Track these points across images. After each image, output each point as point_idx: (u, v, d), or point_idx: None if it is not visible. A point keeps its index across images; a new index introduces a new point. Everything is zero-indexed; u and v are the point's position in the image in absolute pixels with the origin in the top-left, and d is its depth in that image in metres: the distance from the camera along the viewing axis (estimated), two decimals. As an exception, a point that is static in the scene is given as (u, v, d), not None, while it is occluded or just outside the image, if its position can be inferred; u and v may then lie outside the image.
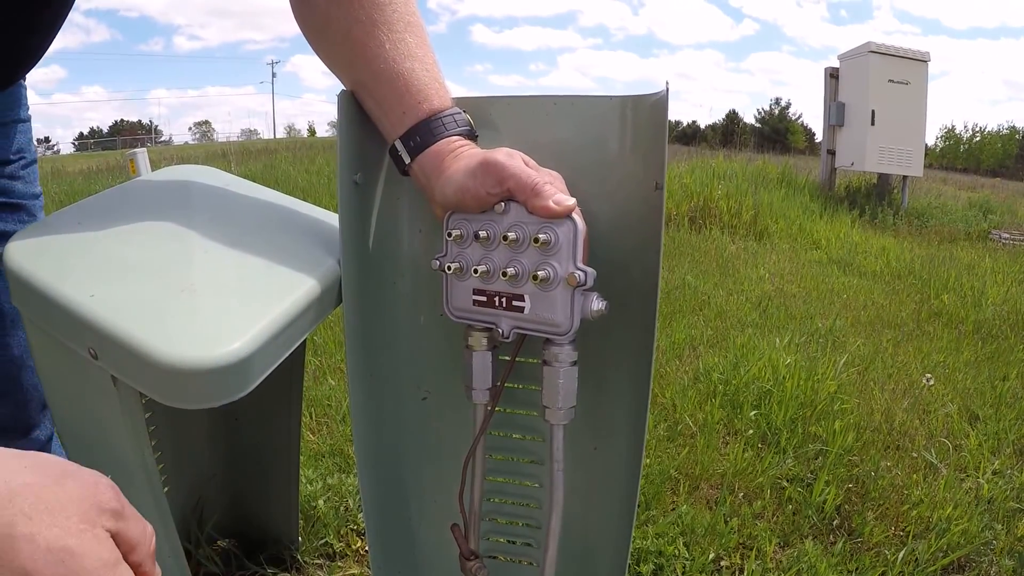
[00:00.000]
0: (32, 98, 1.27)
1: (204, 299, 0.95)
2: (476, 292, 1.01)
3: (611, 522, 1.19)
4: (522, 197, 0.93)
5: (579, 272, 0.92)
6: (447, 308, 1.06)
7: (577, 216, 0.94)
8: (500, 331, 1.00)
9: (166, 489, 1.69)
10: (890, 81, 10.39)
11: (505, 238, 0.95)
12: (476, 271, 0.98)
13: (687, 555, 2.02)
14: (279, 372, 1.75)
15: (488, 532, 1.36)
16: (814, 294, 5.31)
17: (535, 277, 0.93)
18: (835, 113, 11.14)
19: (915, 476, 2.84)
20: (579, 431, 1.12)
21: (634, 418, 1.10)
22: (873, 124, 10.47)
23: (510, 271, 0.95)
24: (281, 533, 2.07)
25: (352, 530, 2.29)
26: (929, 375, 3.60)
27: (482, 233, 0.97)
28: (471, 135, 0.99)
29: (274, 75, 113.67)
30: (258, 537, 2.08)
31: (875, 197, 10.43)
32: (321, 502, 2.29)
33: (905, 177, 10.78)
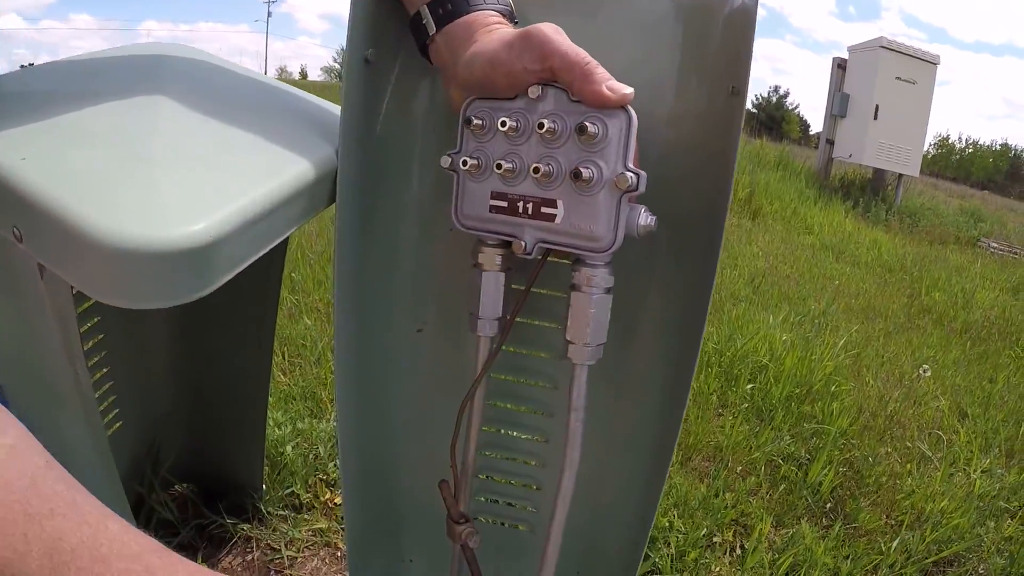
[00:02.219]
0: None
1: (165, 172, 0.75)
2: (495, 196, 0.83)
3: (630, 492, 1.08)
4: (568, 78, 0.75)
5: (630, 174, 0.74)
6: (456, 216, 0.87)
7: (631, 109, 0.76)
8: (522, 244, 0.82)
9: (118, 424, 1.51)
10: (897, 78, 10.25)
11: (540, 126, 0.77)
12: (499, 167, 0.80)
13: (681, 528, 1.89)
14: (251, 296, 1.56)
15: (481, 490, 1.20)
16: (807, 276, 5.21)
17: (576, 175, 0.75)
18: (839, 104, 11.00)
19: (908, 466, 2.76)
20: (596, 380, 0.95)
21: (675, 367, 0.94)
22: (876, 119, 10.35)
23: (543, 168, 0.77)
24: (244, 480, 1.88)
25: (322, 480, 2.13)
26: (926, 366, 3.52)
27: (509, 122, 0.79)
28: (511, 17, 0.84)
29: (269, 14, 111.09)
30: (218, 484, 1.90)
31: (869, 191, 10.36)
32: (289, 448, 2.11)
33: (901, 175, 10.72)
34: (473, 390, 1.00)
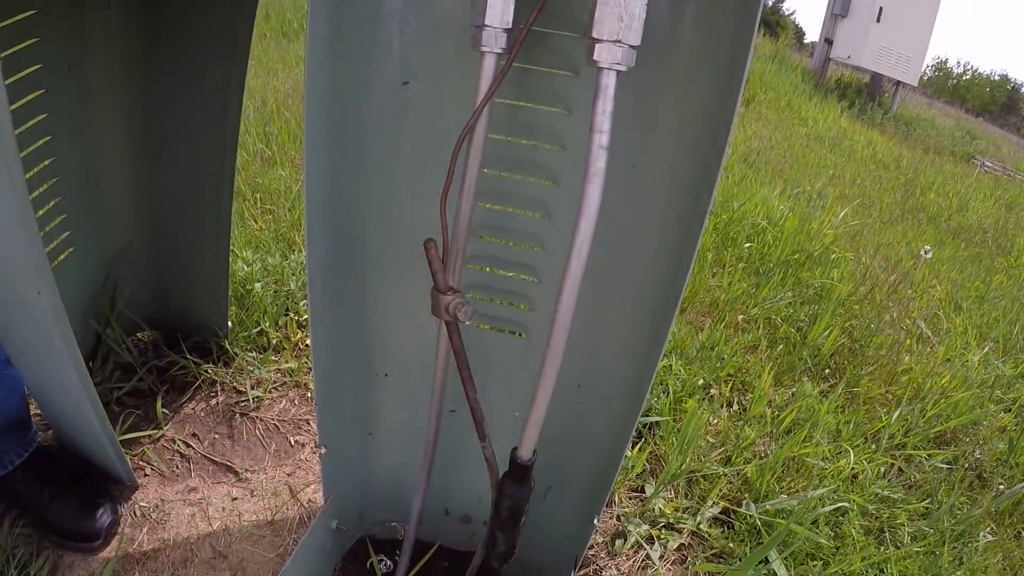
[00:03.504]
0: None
1: None
2: None
3: (633, 345, 0.96)
4: None
5: None
6: None
7: None
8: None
9: (71, 249, 1.33)
10: (906, -20, 9.61)
11: None
12: None
13: (680, 372, 1.60)
14: (211, 112, 1.40)
15: (475, 285, 0.90)
16: (801, 162, 4.88)
17: None
18: (841, 2, 10.34)
19: (908, 341, 2.52)
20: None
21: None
22: (879, 21, 9.78)
23: None
24: (207, 317, 1.66)
25: (293, 320, 1.87)
26: (928, 247, 3.25)
27: None
28: None
29: None
30: (181, 322, 1.67)
31: (865, 96, 9.93)
32: (258, 286, 1.84)
33: (899, 83, 10.27)
34: (473, 121, 0.67)
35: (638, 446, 1.52)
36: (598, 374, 1.03)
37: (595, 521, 1.04)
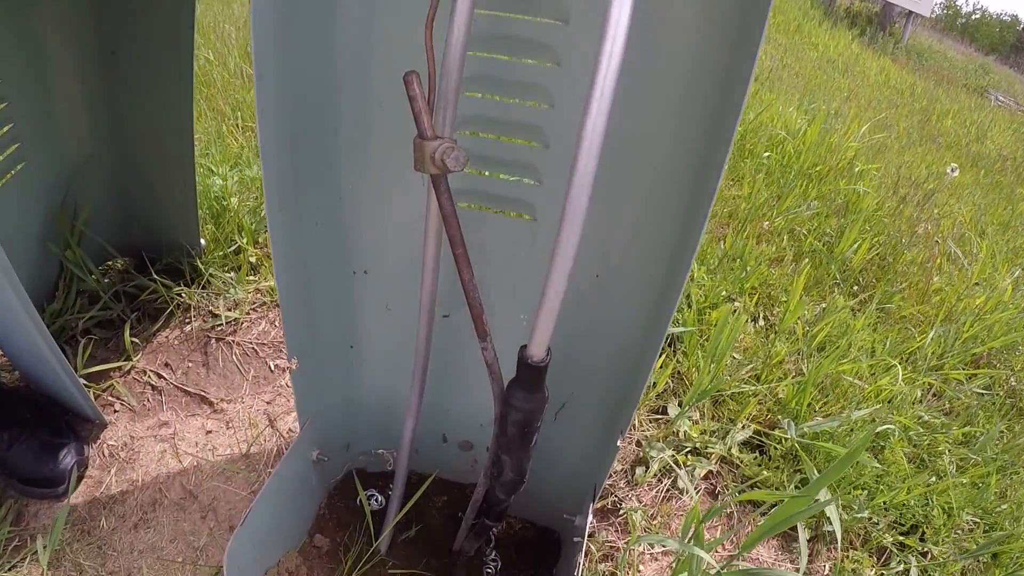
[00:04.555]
0: None
1: None
2: None
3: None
4: None
5: None
6: None
7: None
8: None
9: (21, 165, 1.21)
10: (921, -98, 9.11)
11: None
12: None
13: (703, 280, 1.42)
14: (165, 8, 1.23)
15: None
16: (814, 83, 4.61)
17: None
18: (852, -74, 9.81)
19: (938, 261, 2.35)
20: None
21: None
22: (891, -52, 9.32)
23: None
24: (178, 234, 1.50)
25: None
26: (954, 165, 3.05)
27: None
28: None
29: None
30: (150, 242, 1.51)
31: (876, 25, 9.54)
32: (234, 200, 1.67)
33: (910, 13, 9.85)
34: None
35: (660, 360, 1.35)
36: (621, 261, 0.85)
37: (619, 440, 0.88)
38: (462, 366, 1.03)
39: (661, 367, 1.35)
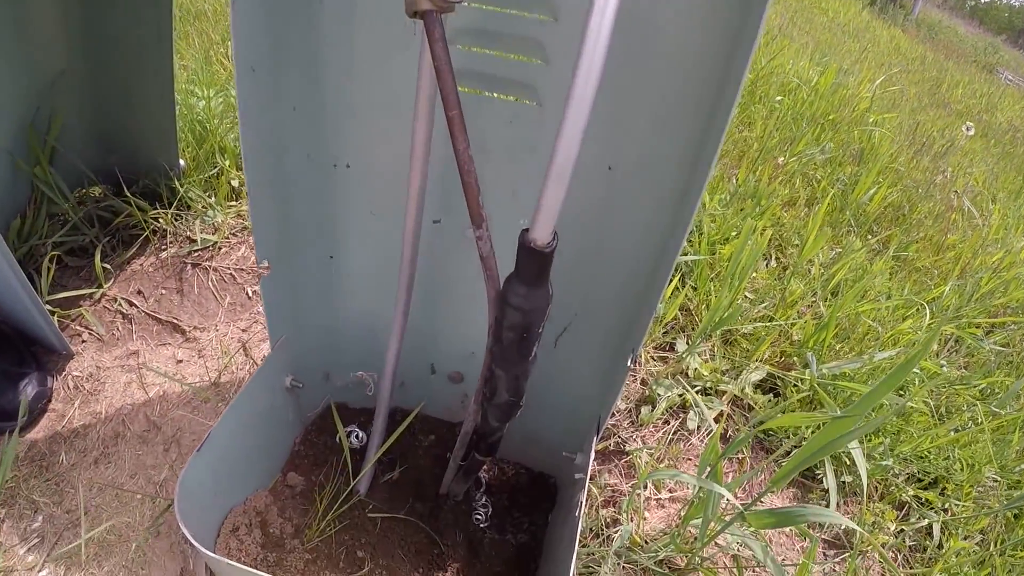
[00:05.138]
0: None
1: None
2: None
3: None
4: None
5: None
6: None
7: None
8: None
9: None
10: None
11: None
12: None
13: (717, 209, 1.31)
14: None
15: None
16: (824, 46, 4.47)
17: None
18: None
19: (953, 217, 2.25)
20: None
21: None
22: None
23: None
24: (155, 153, 1.40)
25: None
26: (970, 123, 2.95)
27: None
28: None
29: None
30: (126, 162, 1.40)
31: (885, -3, 9.37)
32: (218, 123, 1.57)
33: (920, -15, 9.68)
34: None
35: (669, 288, 1.24)
36: (637, 155, 0.74)
37: (630, 360, 0.77)
38: (454, 285, 0.92)
39: (671, 296, 1.24)
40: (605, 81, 0.52)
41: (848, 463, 1.15)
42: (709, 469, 0.83)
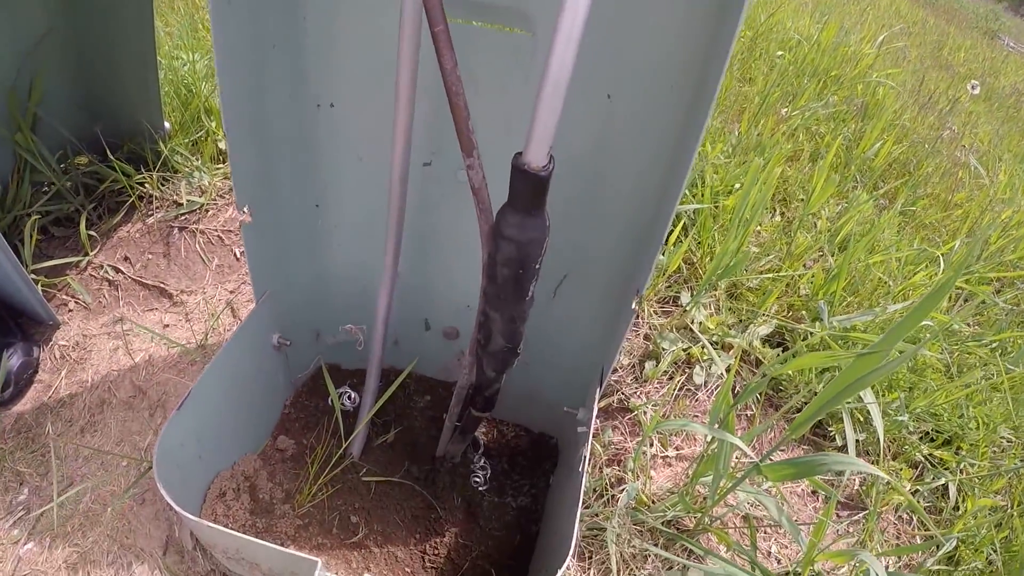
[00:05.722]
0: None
1: None
2: None
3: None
4: None
5: None
6: None
7: None
8: None
9: None
10: None
11: None
12: None
13: (720, 157, 1.26)
14: None
15: None
16: (823, 5, 4.38)
17: None
18: None
19: (960, 174, 2.20)
20: None
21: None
22: None
23: None
24: (140, 114, 1.34)
25: None
26: (975, 82, 2.88)
27: None
28: None
29: None
30: (110, 125, 1.35)
31: (883, -40, 9.19)
32: (204, 85, 1.51)
33: (918, -53, 9.49)
34: None
35: (672, 239, 1.19)
36: (637, 85, 0.69)
37: (634, 302, 0.73)
38: (447, 235, 0.87)
39: (674, 245, 1.19)
40: (603, 6, 0.47)
41: (862, 419, 1.11)
42: (722, 417, 0.79)
